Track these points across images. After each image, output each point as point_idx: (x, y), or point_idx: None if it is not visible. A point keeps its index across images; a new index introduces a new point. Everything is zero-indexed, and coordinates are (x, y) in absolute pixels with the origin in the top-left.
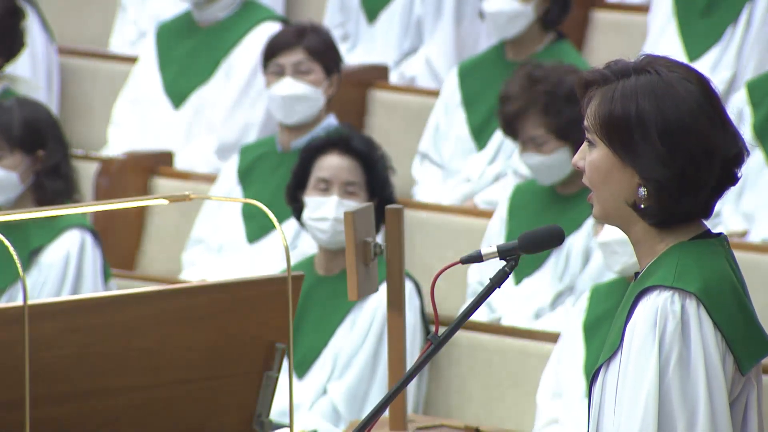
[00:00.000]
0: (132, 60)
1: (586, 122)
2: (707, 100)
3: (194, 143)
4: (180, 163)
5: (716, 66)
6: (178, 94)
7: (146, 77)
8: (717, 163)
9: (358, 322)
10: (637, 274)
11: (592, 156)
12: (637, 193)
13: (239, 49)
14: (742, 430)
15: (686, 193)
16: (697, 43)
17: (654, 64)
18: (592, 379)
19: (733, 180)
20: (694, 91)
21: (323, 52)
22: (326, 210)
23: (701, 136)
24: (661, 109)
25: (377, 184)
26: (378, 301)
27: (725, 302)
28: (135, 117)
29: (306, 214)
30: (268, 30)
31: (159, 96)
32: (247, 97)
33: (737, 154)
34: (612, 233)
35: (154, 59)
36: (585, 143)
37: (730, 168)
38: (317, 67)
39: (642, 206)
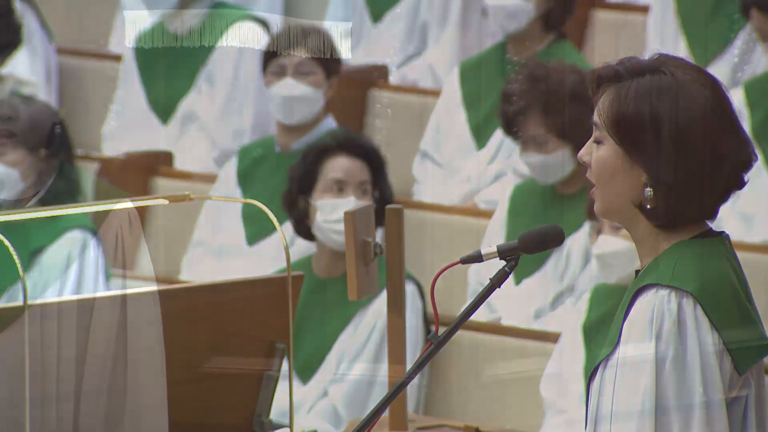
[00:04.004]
0: None
1: (595, 118)
2: (719, 105)
3: (190, 154)
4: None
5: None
6: (163, 109)
7: (131, 89)
8: (726, 168)
9: (362, 324)
10: (637, 272)
11: (600, 153)
12: (643, 194)
13: (216, 55)
14: (742, 430)
15: (694, 197)
16: (702, 45)
17: (668, 65)
18: (590, 376)
19: (740, 184)
20: (707, 95)
21: (326, 55)
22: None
23: (712, 140)
24: (674, 111)
25: (384, 184)
26: (381, 304)
27: (723, 302)
28: (125, 132)
29: (320, 217)
30: (241, 30)
31: (145, 111)
32: (234, 104)
33: (746, 160)
34: (606, 245)
35: (135, 72)
36: (592, 138)
37: (738, 172)
38: (319, 69)
39: (648, 207)
